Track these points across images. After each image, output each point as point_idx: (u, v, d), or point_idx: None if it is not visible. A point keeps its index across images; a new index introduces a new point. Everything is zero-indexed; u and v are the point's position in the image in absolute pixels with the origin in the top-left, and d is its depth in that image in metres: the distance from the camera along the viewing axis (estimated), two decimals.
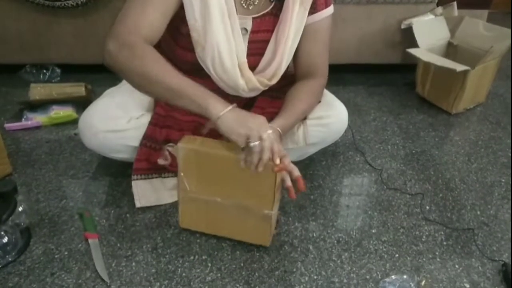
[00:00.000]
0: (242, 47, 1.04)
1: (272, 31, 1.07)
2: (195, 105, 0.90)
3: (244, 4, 1.03)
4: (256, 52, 1.08)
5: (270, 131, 0.90)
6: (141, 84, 0.93)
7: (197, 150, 0.96)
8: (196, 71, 1.06)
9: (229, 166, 0.95)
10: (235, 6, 0.99)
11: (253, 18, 1.04)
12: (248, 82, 1.07)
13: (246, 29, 1.04)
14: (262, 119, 0.93)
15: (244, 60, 1.06)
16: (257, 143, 0.88)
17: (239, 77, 1.05)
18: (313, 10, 1.07)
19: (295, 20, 1.04)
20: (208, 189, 1.01)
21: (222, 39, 0.99)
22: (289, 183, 0.95)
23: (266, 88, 1.14)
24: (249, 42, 1.06)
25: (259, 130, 0.88)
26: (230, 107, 0.90)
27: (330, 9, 1.10)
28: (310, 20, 1.08)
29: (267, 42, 1.07)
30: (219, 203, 1.01)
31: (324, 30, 1.12)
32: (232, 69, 1.04)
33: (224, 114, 0.89)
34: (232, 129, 0.89)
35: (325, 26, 1.12)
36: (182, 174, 1.00)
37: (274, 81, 1.11)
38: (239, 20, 1.00)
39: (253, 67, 1.09)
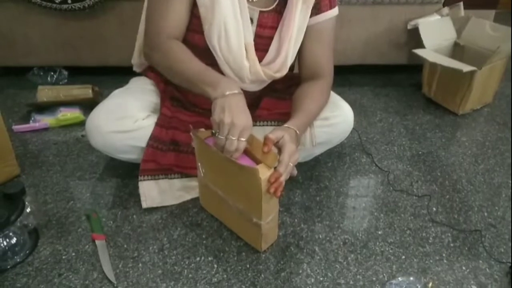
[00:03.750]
0: (249, 28, 1.04)
1: (276, 28, 1.07)
2: (207, 84, 0.94)
3: None
4: (261, 47, 1.09)
5: (242, 139, 0.88)
6: (171, 77, 1.05)
7: (202, 141, 0.98)
8: (202, 58, 1.06)
9: (227, 165, 0.94)
10: None
11: (260, 12, 1.04)
12: (252, 66, 1.07)
13: (252, 19, 1.05)
14: (247, 123, 0.89)
15: (251, 41, 1.06)
16: (222, 137, 0.88)
17: (244, 58, 1.06)
18: (317, 10, 1.07)
19: (298, 18, 1.05)
20: (213, 180, 1.04)
21: (229, 15, 1.00)
22: (281, 179, 0.90)
23: (270, 81, 1.14)
24: (256, 36, 1.06)
25: (232, 131, 0.87)
26: (236, 91, 0.91)
27: (334, 11, 1.10)
28: (314, 21, 1.08)
29: (271, 38, 1.08)
30: (222, 196, 1.03)
31: (328, 31, 1.12)
32: (237, 49, 1.04)
33: (228, 96, 0.90)
34: (219, 111, 0.89)
35: (329, 27, 1.12)
36: (198, 159, 1.06)
37: (279, 75, 1.12)
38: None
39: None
